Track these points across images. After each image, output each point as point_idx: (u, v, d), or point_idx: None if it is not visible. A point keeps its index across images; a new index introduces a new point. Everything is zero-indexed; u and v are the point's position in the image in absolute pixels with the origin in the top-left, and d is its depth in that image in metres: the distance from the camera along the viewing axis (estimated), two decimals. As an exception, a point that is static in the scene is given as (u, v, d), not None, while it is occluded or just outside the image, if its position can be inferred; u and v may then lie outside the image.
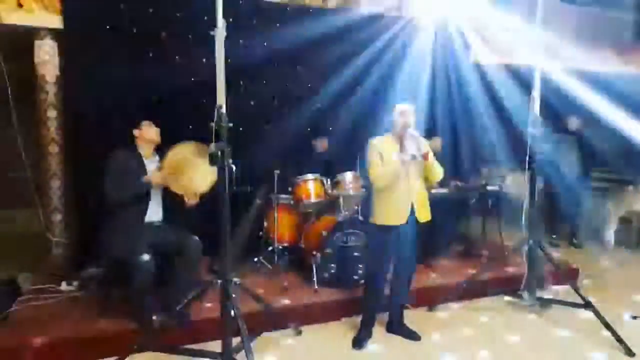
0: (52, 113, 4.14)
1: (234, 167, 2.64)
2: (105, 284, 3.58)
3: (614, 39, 6.63)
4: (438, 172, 3.29)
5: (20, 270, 4.06)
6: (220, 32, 2.61)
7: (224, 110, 2.62)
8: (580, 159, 5.73)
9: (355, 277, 3.87)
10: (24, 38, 4.02)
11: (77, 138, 4.17)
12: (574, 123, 5.72)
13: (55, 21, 4.01)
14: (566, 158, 5.67)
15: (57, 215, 4.21)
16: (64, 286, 3.80)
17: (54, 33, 4.06)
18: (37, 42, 4.03)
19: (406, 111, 3.21)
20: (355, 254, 3.88)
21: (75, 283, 3.83)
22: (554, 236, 5.95)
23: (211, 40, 2.60)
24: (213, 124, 2.58)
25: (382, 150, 3.20)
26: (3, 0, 3.83)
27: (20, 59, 3.99)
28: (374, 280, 3.33)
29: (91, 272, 3.89)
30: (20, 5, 3.89)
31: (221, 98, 2.62)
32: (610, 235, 5.71)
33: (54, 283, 3.83)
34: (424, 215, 3.29)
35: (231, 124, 2.64)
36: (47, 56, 4.06)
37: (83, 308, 3.47)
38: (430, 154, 3.18)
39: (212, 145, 2.57)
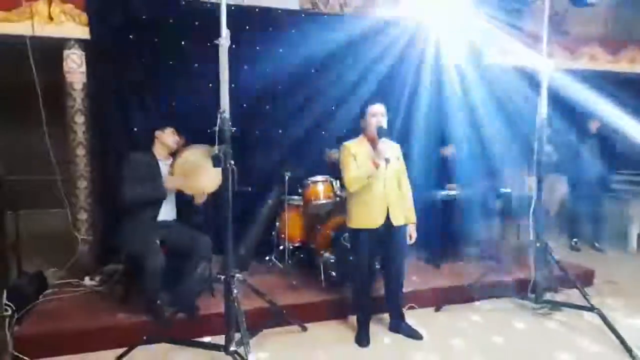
0: (79, 118, 4.38)
1: (235, 169, 2.78)
2: (124, 279, 3.81)
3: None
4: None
5: (48, 266, 4.35)
6: (224, 41, 2.77)
7: (227, 114, 2.76)
8: (602, 162, 5.62)
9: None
10: (54, 48, 4.29)
11: (102, 141, 4.43)
12: (594, 125, 5.64)
13: (83, 32, 4.27)
14: (587, 161, 5.58)
15: (83, 214, 4.46)
16: (87, 281, 4.05)
17: (82, 43, 4.32)
18: (65, 52, 4.30)
19: (378, 112, 3.19)
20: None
21: (97, 278, 4.08)
22: (575, 240, 5.86)
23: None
24: (216, 128, 2.73)
25: (355, 153, 3.19)
26: (35, 14, 4.12)
27: (50, 68, 4.25)
28: (358, 282, 3.39)
29: (112, 267, 4.15)
30: (50, 19, 4.18)
31: (224, 103, 2.76)
32: (633, 239, 5.56)
33: (78, 278, 4.10)
34: (400, 219, 3.26)
35: (234, 128, 2.78)
36: (74, 65, 4.32)
37: (102, 301, 3.71)
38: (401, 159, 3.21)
39: (215, 148, 2.72)
